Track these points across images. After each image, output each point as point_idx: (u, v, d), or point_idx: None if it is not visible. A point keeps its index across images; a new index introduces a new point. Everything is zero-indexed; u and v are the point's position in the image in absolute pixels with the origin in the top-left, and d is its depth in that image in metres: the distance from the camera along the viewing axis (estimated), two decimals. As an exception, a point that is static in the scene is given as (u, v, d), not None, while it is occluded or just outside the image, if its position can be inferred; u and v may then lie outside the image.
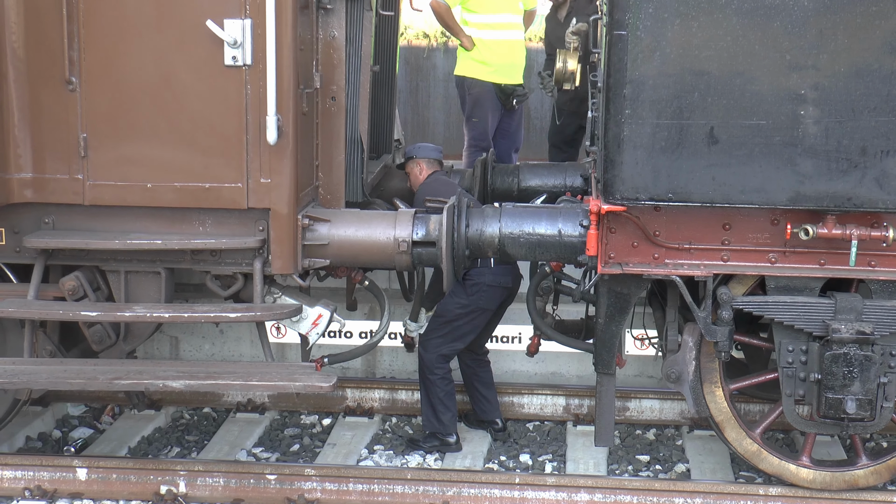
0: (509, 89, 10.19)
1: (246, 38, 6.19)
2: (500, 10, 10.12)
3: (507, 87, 10.19)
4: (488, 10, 10.08)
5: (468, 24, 10.13)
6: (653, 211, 6.20)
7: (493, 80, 10.13)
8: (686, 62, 5.76)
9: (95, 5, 6.24)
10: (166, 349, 9.44)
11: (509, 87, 10.20)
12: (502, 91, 10.18)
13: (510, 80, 10.20)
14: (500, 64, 10.13)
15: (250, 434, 8.23)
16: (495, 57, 10.10)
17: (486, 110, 10.21)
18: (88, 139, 6.37)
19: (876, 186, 5.82)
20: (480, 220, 6.72)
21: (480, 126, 10.26)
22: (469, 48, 10.11)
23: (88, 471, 6.96)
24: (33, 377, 6.36)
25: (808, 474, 6.80)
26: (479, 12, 10.08)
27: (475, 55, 10.13)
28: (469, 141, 10.33)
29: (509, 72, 10.20)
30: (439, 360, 7.72)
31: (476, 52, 10.11)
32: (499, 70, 10.13)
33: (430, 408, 7.81)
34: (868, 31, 5.65)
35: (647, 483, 6.94)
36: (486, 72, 10.12)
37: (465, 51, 10.17)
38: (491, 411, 8.21)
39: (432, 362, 7.70)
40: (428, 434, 7.90)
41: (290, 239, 6.45)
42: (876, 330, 6.24)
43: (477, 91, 10.18)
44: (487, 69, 10.11)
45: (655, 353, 7.73)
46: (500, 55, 10.12)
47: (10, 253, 6.63)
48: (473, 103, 10.24)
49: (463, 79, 10.29)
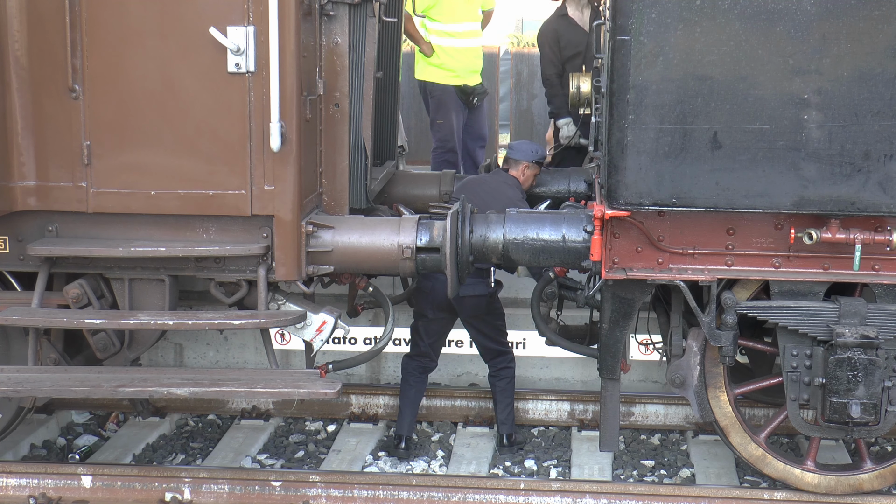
0: (469, 89, 10.49)
1: (249, 46, 6.20)
2: (462, 19, 10.40)
3: (468, 88, 10.49)
4: (450, 19, 10.35)
5: (430, 31, 10.43)
6: (656, 216, 6.20)
7: (454, 83, 10.44)
8: (689, 67, 5.76)
9: (98, 13, 6.25)
10: (170, 356, 9.44)
11: (469, 87, 10.50)
12: (463, 91, 10.48)
13: (470, 81, 10.51)
14: (461, 69, 10.43)
15: (255, 441, 8.23)
16: (456, 63, 10.40)
17: (449, 111, 10.52)
18: (92, 147, 6.37)
19: (879, 190, 5.81)
20: (484, 226, 6.72)
21: (446, 127, 10.56)
22: (429, 54, 10.44)
23: (93, 478, 6.96)
24: (37, 385, 6.36)
25: (812, 479, 6.80)
26: (442, 21, 10.36)
27: (435, 60, 10.44)
28: (436, 143, 10.63)
29: (469, 75, 10.50)
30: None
31: (436, 57, 10.41)
32: (459, 74, 10.44)
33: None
34: (871, 36, 5.65)
35: (652, 488, 6.93)
36: (448, 76, 10.44)
37: (425, 56, 10.51)
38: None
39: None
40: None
41: (294, 246, 6.45)
42: (880, 334, 6.23)
43: (439, 94, 10.51)
44: (449, 74, 10.43)
45: (660, 358, 7.72)
46: (460, 61, 10.42)
47: (14, 261, 6.63)
48: (437, 106, 10.57)
49: (425, 83, 10.63)
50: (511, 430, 8.10)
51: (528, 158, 7.79)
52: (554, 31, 9.75)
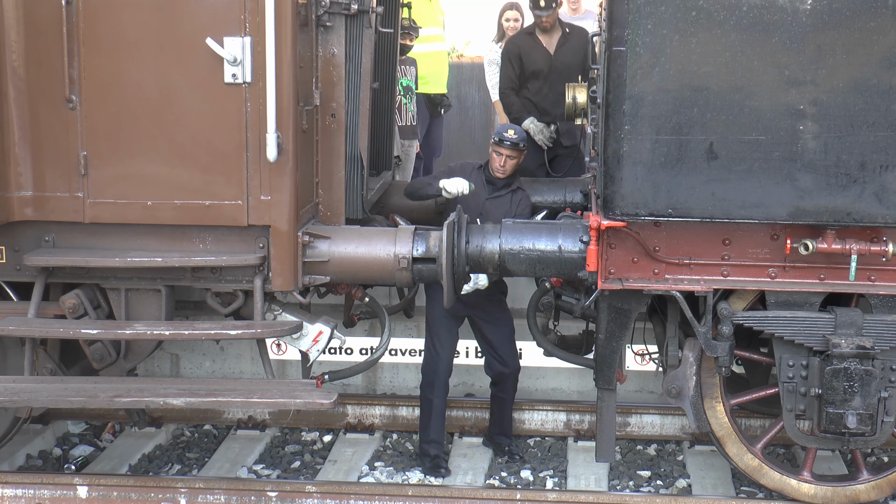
0: (437, 99, 10.59)
1: (246, 56, 6.21)
2: (425, 24, 10.36)
3: (435, 97, 10.58)
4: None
5: None
6: (653, 226, 6.21)
7: (421, 90, 10.43)
8: (685, 78, 5.77)
9: (95, 24, 6.26)
10: (167, 366, 9.43)
11: (437, 96, 10.59)
12: (430, 101, 10.55)
13: (436, 89, 10.58)
14: (427, 74, 10.44)
15: (251, 451, 8.22)
16: (422, 68, 10.37)
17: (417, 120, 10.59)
18: (89, 157, 6.37)
19: (875, 201, 5.82)
20: (480, 237, 6.72)
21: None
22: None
23: (89, 488, 6.95)
24: (34, 395, 6.35)
25: (809, 489, 6.80)
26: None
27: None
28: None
29: (436, 81, 10.56)
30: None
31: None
32: (425, 80, 10.44)
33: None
34: (866, 47, 5.66)
35: (649, 499, 6.94)
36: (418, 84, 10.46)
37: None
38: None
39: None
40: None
41: (291, 256, 6.45)
42: (876, 344, 6.24)
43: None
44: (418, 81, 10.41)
45: (656, 368, 7.73)
46: (426, 66, 10.41)
47: (11, 271, 6.63)
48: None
49: None
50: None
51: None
52: (518, 47, 9.72)
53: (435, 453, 7.83)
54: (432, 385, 7.77)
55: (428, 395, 7.80)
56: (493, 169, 7.52)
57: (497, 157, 7.49)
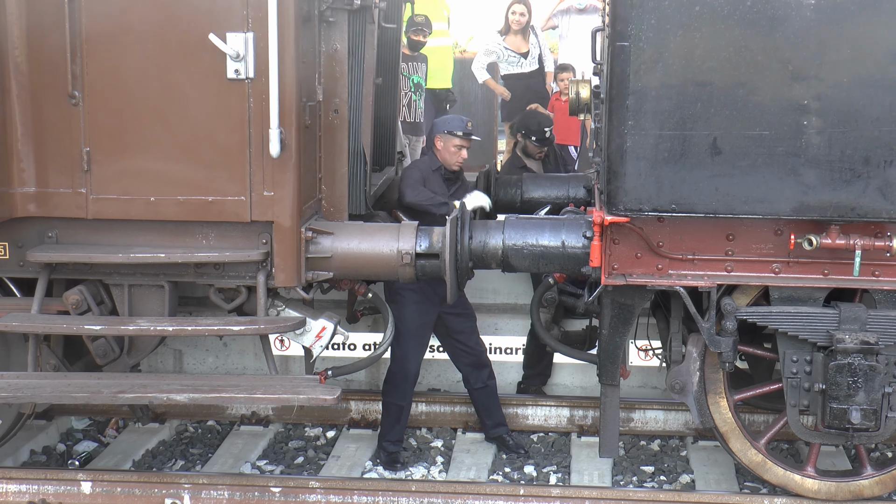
0: (442, 94, 10.70)
1: (248, 52, 6.20)
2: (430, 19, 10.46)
3: (440, 92, 10.69)
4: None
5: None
6: (656, 222, 6.20)
7: (428, 85, 10.50)
8: (688, 73, 5.76)
9: (98, 20, 6.25)
10: (170, 362, 9.43)
11: (442, 91, 10.72)
12: (435, 96, 10.63)
13: (442, 83, 10.69)
14: (432, 69, 10.50)
15: (254, 447, 8.23)
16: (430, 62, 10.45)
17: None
18: (91, 153, 6.37)
19: (879, 196, 5.81)
20: (484, 232, 6.72)
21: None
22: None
23: (93, 484, 6.96)
24: (37, 391, 6.36)
25: (813, 485, 6.79)
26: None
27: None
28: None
29: (441, 75, 10.66)
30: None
31: None
32: (430, 75, 10.48)
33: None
34: (870, 41, 5.65)
35: (652, 494, 6.93)
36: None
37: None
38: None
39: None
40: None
41: (294, 252, 6.45)
42: (880, 340, 6.23)
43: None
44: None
45: (659, 363, 7.72)
46: (430, 61, 10.47)
47: (14, 267, 6.64)
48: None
49: None
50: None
51: (438, 130, 7.75)
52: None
53: (394, 450, 7.92)
54: (404, 392, 7.85)
55: (397, 400, 7.86)
56: (453, 163, 7.62)
57: (457, 151, 7.56)
